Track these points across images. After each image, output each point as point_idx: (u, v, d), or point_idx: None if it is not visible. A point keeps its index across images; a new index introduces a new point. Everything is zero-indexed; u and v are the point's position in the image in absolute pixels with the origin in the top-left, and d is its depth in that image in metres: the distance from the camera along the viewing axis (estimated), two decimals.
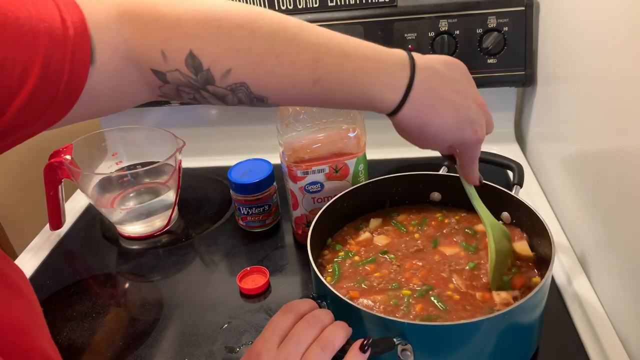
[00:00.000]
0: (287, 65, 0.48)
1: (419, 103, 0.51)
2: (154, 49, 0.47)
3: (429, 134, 0.53)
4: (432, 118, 0.52)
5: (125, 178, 0.92)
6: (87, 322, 0.75)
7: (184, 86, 0.49)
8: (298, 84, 0.49)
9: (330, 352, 0.49)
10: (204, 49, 0.47)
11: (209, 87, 0.49)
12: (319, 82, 0.49)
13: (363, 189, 0.75)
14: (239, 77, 0.48)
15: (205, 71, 0.47)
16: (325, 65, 0.49)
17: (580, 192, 0.77)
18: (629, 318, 0.63)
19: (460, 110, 0.53)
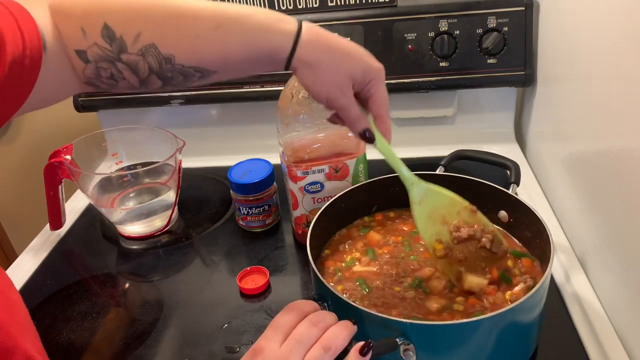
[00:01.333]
0: (189, 18, 0.53)
1: (313, 31, 0.55)
2: (75, 27, 0.53)
3: (326, 66, 0.55)
4: (330, 47, 0.55)
5: (125, 178, 0.92)
6: (87, 322, 0.75)
7: (102, 61, 0.54)
8: (200, 33, 0.53)
9: (332, 352, 0.49)
10: (116, 19, 0.52)
11: (122, 55, 0.53)
12: (220, 28, 0.53)
13: (362, 189, 0.75)
14: (148, 39, 0.53)
15: (118, 39, 0.52)
16: (225, 13, 0.53)
17: (580, 191, 0.77)
18: (629, 317, 0.63)
19: (353, 46, 0.56)
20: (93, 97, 1.07)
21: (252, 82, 1.03)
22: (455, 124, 1.10)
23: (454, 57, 0.98)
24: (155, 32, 0.53)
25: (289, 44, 0.54)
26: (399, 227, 0.74)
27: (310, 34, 0.55)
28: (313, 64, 0.55)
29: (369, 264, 0.68)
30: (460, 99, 1.07)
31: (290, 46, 0.54)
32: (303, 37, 0.54)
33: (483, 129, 1.09)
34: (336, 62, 0.55)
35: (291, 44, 0.54)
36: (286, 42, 0.54)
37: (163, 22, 0.53)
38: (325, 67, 0.55)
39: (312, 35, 0.55)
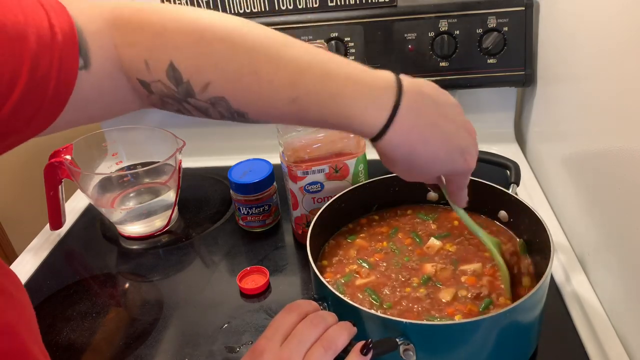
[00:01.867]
0: (265, 83, 0.47)
1: (406, 128, 0.47)
2: (138, 58, 0.47)
3: (417, 163, 0.50)
4: (421, 146, 0.49)
5: (125, 178, 0.92)
6: (87, 322, 0.75)
7: (167, 97, 0.49)
8: (275, 103, 0.48)
9: (332, 352, 0.49)
10: (184, 61, 0.46)
11: (190, 99, 0.48)
12: (297, 101, 0.47)
13: (362, 189, 0.75)
14: (218, 92, 0.47)
15: (185, 83, 0.47)
16: (304, 85, 0.47)
17: (580, 192, 0.77)
18: (629, 317, 0.63)
19: (451, 138, 0.50)
20: None
21: None
22: None
23: (454, 57, 0.98)
24: (226, 87, 0.47)
25: (377, 125, 0.47)
26: (377, 229, 0.74)
27: (409, 117, 0.47)
28: (398, 156, 0.49)
29: (369, 275, 0.67)
30: (460, 99, 1.05)
31: (379, 127, 0.47)
32: (397, 123, 0.47)
33: (483, 129, 1.07)
34: (427, 161, 0.50)
35: (381, 125, 0.47)
36: (376, 121, 0.47)
37: (236, 81, 0.47)
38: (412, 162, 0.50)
39: (412, 117, 0.47)
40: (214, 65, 0.47)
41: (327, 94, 0.47)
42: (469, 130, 0.53)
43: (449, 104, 0.51)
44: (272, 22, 0.99)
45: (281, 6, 0.99)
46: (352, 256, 0.70)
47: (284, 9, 1.00)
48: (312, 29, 0.98)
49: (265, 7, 0.99)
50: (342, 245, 0.72)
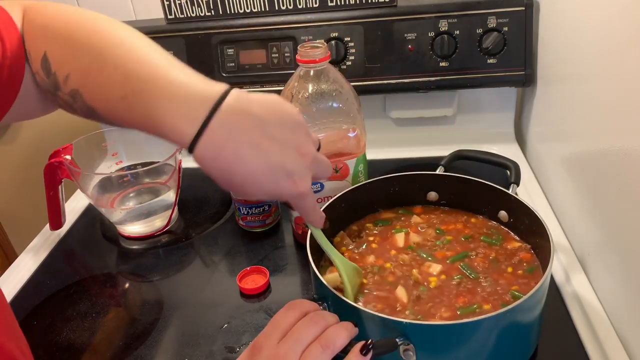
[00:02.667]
0: (105, 78, 0.49)
1: (218, 144, 0.46)
2: (27, 48, 0.51)
3: (235, 181, 0.48)
4: (236, 164, 0.47)
5: (125, 178, 0.92)
6: (87, 322, 0.75)
7: (46, 91, 0.52)
8: (110, 98, 0.49)
9: (330, 351, 0.49)
10: (54, 52, 0.50)
11: (58, 92, 0.51)
12: (125, 99, 0.48)
13: (362, 189, 0.75)
14: (75, 84, 0.50)
15: (53, 74, 0.50)
16: (132, 84, 0.47)
17: (580, 192, 0.77)
18: (629, 317, 0.63)
19: (272, 157, 0.48)
20: None
21: (252, 82, 1.03)
22: (455, 124, 1.10)
23: (454, 57, 0.98)
24: (80, 79, 0.50)
25: (187, 135, 0.46)
26: (377, 229, 0.74)
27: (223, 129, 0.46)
28: (213, 171, 0.49)
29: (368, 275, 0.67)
30: (460, 99, 1.07)
31: (189, 137, 0.46)
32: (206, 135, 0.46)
33: (483, 129, 1.09)
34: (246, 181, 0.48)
35: (190, 136, 0.46)
36: (186, 131, 0.46)
37: (87, 72, 0.50)
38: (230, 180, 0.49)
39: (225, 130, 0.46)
40: (74, 57, 0.50)
41: (149, 97, 0.47)
42: (302, 152, 0.50)
43: (280, 123, 0.49)
44: (272, 22, 0.99)
45: (281, 6, 0.99)
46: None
47: (284, 9, 1.00)
48: (312, 29, 0.98)
49: (265, 7, 0.99)
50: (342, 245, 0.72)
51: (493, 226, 0.73)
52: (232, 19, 1.01)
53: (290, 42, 1.00)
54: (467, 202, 0.75)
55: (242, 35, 1.00)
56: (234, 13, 1.01)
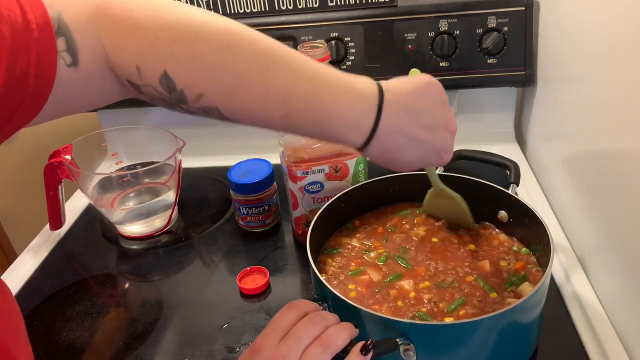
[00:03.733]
0: (258, 99, 0.48)
1: (384, 144, 0.52)
2: (129, 63, 0.47)
3: (395, 167, 0.55)
4: (398, 156, 0.53)
5: (125, 178, 0.92)
6: (87, 322, 0.75)
7: (157, 100, 0.50)
8: (268, 117, 0.50)
9: (331, 351, 0.49)
10: (178, 71, 0.47)
11: (182, 105, 0.49)
12: (287, 117, 0.49)
13: (362, 189, 0.75)
14: (211, 102, 0.48)
15: (178, 92, 0.48)
16: (294, 104, 0.49)
17: (580, 192, 0.77)
18: (629, 317, 0.63)
19: (427, 144, 0.54)
20: None
21: None
22: None
23: (454, 57, 0.98)
24: (219, 99, 0.48)
25: (359, 143, 0.51)
26: (377, 229, 0.75)
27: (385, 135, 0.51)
28: (378, 161, 0.54)
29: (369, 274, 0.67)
30: (460, 99, 1.07)
31: (360, 145, 0.52)
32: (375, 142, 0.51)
33: (483, 129, 1.09)
34: (403, 165, 0.54)
35: (362, 144, 0.51)
36: (358, 140, 0.51)
37: (229, 94, 0.48)
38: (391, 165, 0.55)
39: (386, 135, 0.51)
40: (210, 79, 0.47)
41: (315, 114, 0.50)
42: (449, 129, 0.55)
43: (428, 109, 0.53)
44: (272, 22, 0.99)
45: (281, 6, 0.99)
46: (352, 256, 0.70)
47: (284, 9, 1.00)
48: (312, 29, 0.98)
49: (265, 7, 0.99)
50: (342, 245, 0.72)
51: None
52: (232, 19, 1.00)
53: (290, 42, 1.00)
54: (467, 202, 0.75)
55: None
56: (234, 13, 1.01)
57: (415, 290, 0.63)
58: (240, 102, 0.48)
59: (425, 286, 0.64)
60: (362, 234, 0.74)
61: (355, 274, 0.67)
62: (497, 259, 0.67)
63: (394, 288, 0.64)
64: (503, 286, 0.63)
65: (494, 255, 0.68)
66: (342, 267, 0.68)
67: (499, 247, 0.70)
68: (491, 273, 0.65)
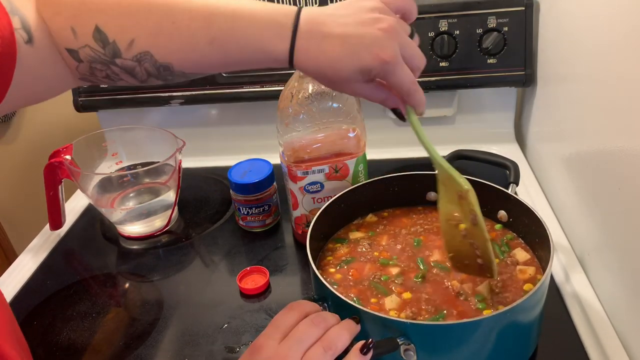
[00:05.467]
0: (184, 29, 0.51)
1: (307, 47, 0.51)
2: (65, 26, 0.51)
3: (327, 72, 0.52)
4: (322, 56, 0.51)
5: (125, 178, 0.92)
6: (87, 322, 0.75)
7: (95, 62, 0.52)
8: (196, 46, 0.51)
9: (332, 352, 0.49)
10: (108, 22, 0.50)
11: (117, 60, 0.52)
12: (215, 41, 0.51)
13: (362, 189, 0.75)
14: (143, 46, 0.51)
15: (111, 43, 0.51)
16: (218, 25, 0.51)
17: (580, 192, 0.77)
18: (629, 317, 0.63)
19: (349, 38, 0.51)
20: (93, 97, 1.07)
21: (252, 82, 1.03)
22: (455, 124, 1.10)
23: (454, 57, 0.98)
24: (149, 40, 0.51)
25: (284, 51, 0.51)
26: (377, 229, 0.74)
27: (306, 37, 0.51)
28: (312, 73, 0.53)
29: None
30: (460, 99, 1.07)
31: (287, 53, 0.52)
32: (297, 45, 0.51)
33: (483, 129, 1.09)
34: (334, 67, 0.52)
35: (287, 51, 0.51)
36: (282, 49, 0.51)
37: (157, 31, 0.51)
38: (325, 74, 0.53)
39: (308, 37, 0.51)
40: (137, 22, 0.51)
41: (240, 29, 0.51)
42: (379, 26, 0.51)
43: (349, 13, 0.52)
44: None
45: None
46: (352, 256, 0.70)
47: None
48: None
49: None
50: (342, 245, 0.72)
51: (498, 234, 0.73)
52: None
53: None
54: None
55: None
56: None
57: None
58: (168, 38, 0.51)
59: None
60: (363, 235, 0.74)
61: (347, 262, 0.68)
62: None
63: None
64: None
65: None
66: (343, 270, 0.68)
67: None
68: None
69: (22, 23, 0.49)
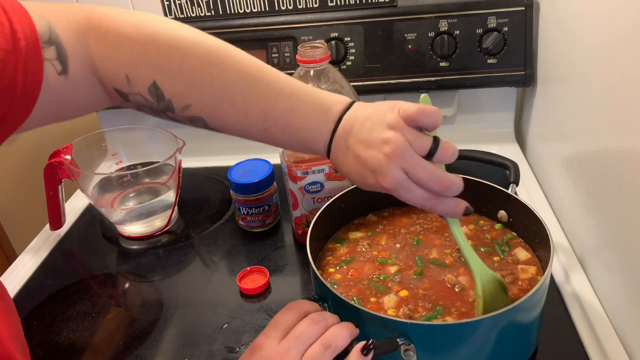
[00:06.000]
0: (241, 113, 0.53)
1: (337, 154, 0.55)
2: (119, 72, 0.50)
3: (349, 179, 0.57)
4: (343, 166, 0.55)
5: (125, 178, 0.92)
6: (87, 322, 0.75)
7: (144, 107, 0.53)
8: (249, 130, 0.55)
9: (332, 351, 0.49)
10: (166, 82, 0.50)
11: (168, 113, 0.53)
12: (268, 131, 0.54)
13: (361, 189, 0.75)
14: (197, 113, 0.53)
15: (166, 101, 0.51)
16: (274, 119, 0.53)
17: (580, 192, 0.77)
18: (629, 317, 0.63)
19: (359, 158, 0.53)
20: None
21: None
22: (455, 124, 1.10)
23: (454, 57, 0.98)
24: (205, 111, 0.52)
25: (323, 152, 0.56)
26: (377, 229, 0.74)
27: (336, 144, 0.54)
28: (340, 171, 0.57)
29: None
30: (460, 99, 1.07)
31: (326, 153, 0.56)
32: (332, 149, 0.55)
33: (483, 129, 1.09)
34: (351, 179, 0.56)
35: (326, 152, 0.55)
36: (322, 150, 0.56)
37: (215, 107, 0.52)
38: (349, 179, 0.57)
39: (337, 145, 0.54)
40: (196, 92, 0.52)
41: (292, 128, 0.54)
42: (384, 150, 0.51)
43: (369, 125, 0.52)
44: (272, 22, 0.99)
45: (281, 6, 0.99)
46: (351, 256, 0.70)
47: (284, 9, 1.00)
48: (312, 29, 0.98)
49: (265, 7, 1.00)
50: (342, 245, 0.72)
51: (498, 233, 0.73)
52: (232, 19, 1.01)
53: (290, 42, 1.00)
54: (467, 202, 0.75)
55: (242, 35, 1.00)
56: (234, 13, 1.01)
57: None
58: (224, 115, 0.53)
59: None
60: (363, 235, 0.74)
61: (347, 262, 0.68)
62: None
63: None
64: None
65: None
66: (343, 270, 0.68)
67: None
68: None
69: (57, 53, 0.47)
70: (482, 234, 0.71)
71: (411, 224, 0.75)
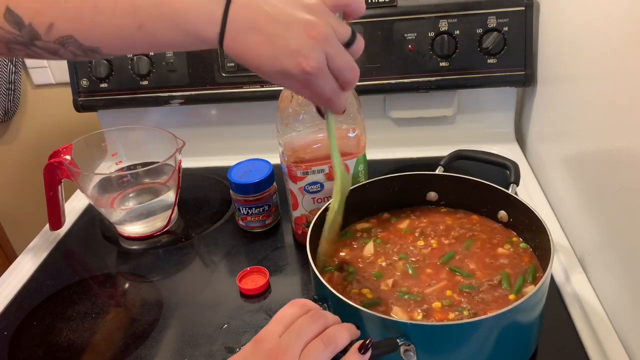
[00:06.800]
0: (108, 15, 0.48)
1: (235, 36, 0.49)
2: None
3: (251, 65, 0.51)
4: (247, 51, 0.49)
5: (125, 178, 0.92)
6: (87, 322, 0.75)
7: (12, 43, 0.49)
8: (123, 32, 0.49)
9: (332, 349, 0.49)
10: (21, 4, 0.47)
11: (36, 42, 0.49)
12: (143, 27, 0.49)
13: (362, 189, 0.75)
14: (64, 31, 0.48)
15: (27, 27, 0.48)
16: (146, 10, 0.48)
17: (580, 192, 0.77)
18: (629, 317, 0.63)
19: (275, 39, 0.49)
20: (93, 97, 1.07)
21: (252, 82, 1.03)
22: (455, 124, 1.10)
23: (454, 57, 0.98)
24: (70, 24, 0.48)
25: (214, 37, 0.49)
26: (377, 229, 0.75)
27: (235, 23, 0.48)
28: (239, 62, 0.51)
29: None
30: (460, 99, 1.07)
31: (217, 39, 0.49)
32: (227, 31, 0.49)
33: (483, 129, 1.09)
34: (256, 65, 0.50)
35: (217, 37, 0.49)
36: (212, 34, 0.49)
37: (78, 16, 0.48)
38: (249, 66, 0.51)
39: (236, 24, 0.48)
40: (53, 5, 0.48)
41: (168, 14, 0.48)
42: (309, 33, 0.49)
43: (280, 8, 0.49)
44: None
45: None
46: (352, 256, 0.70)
47: None
48: None
49: None
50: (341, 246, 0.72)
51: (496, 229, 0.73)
52: None
53: None
54: (467, 202, 0.75)
55: None
56: None
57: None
58: (91, 23, 0.48)
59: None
60: (362, 235, 0.74)
61: None
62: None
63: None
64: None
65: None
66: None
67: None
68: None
69: None
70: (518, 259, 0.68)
71: (411, 224, 0.75)
